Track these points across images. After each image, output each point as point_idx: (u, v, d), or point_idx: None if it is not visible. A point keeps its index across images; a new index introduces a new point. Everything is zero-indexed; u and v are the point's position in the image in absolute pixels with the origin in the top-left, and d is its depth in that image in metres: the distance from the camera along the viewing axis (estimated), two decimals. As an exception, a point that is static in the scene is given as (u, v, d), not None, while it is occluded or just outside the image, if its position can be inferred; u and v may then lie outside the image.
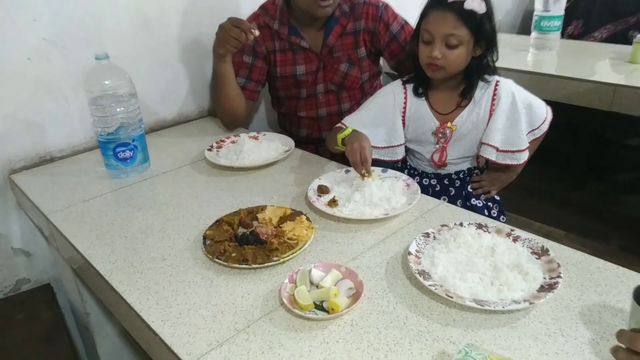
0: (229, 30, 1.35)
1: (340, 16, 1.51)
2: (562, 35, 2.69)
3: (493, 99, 1.26)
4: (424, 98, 1.31)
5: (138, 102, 1.29)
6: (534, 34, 2.26)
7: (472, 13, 1.15)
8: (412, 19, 1.31)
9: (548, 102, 1.36)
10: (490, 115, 1.27)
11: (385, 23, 1.52)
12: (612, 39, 2.52)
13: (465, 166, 1.37)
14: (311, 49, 1.54)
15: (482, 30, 1.18)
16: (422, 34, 1.22)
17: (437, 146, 1.33)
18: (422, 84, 1.31)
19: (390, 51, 1.55)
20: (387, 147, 1.33)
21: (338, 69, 1.56)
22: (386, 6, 1.54)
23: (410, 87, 1.32)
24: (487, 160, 1.31)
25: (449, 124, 1.29)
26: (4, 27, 1.27)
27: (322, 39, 1.53)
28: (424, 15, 1.22)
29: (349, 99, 1.63)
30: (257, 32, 1.36)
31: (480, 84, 1.26)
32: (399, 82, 1.34)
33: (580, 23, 2.69)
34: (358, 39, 1.54)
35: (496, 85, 1.26)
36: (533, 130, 1.31)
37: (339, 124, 1.37)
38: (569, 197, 2.46)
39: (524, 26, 3.03)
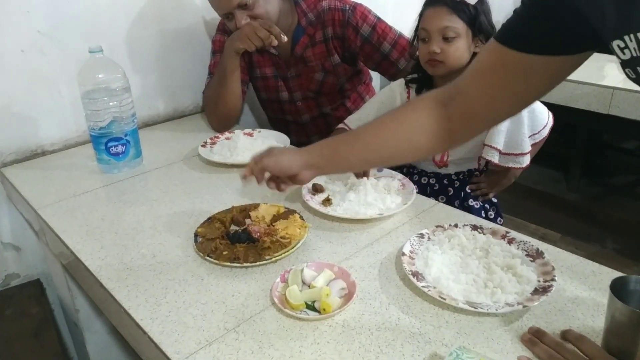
0: (258, 29, 1.32)
1: (307, 26, 1.47)
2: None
3: None
4: None
5: (131, 97, 1.28)
6: (532, 35, 2.25)
7: (464, 5, 1.16)
8: (410, 20, 1.30)
9: (546, 104, 1.35)
10: None
11: (353, 27, 1.45)
12: None
13: (466, 167, 1.36)
14: (280, 56, 1.52)
15: (478, 22, 1.18)
16: (420, 33, 1.23)
17: None
18: (426, 85, 1.30)
19: (365, 54, 1.49)
20: None
21: (313, 77, 1.53)
22: (354, 8, 1.45)
23: (413, 87, 1.32)
24: (488, 163, 1.31)
25: None
26: (-4, 19, 1.26)
27: (290, 48, 1.50)
28: (420, 16, 1.23)
29: (329, 103, 1.61)
30: (285, 39, 1.34)
31: None
32: (402, 81, 1.34)
33: None
34: (329, 46, 1.49)
35: None
36: (533, 134, 1.30)
37: (341, 125, 1.36)
38: (565, 200, 2.47)
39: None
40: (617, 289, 0.68)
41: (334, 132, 1.39)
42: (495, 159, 1.26)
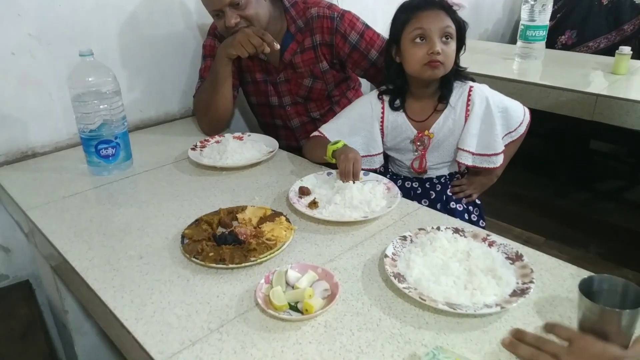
0: (251, 37, 1.33)
1: (296, 32, 1.49)
2: (555, 45, 2.73)
3: (467, 104, 1.27)
4: (401, 110, 1.31)
5: (122, 100, 1.29)
6: (519, 43, 2.29)
7: (454, 11, 1.20)
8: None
9: (532, 111, 1.37)
10: (466, 120, 1.28)
11: (342, 35, 1.46)
12: (609, 50, 2.52)
13: (445, 171, 1.38)
14: (269, 61, 1.53)
15: (462, 26, 1.22)
16: (414, 34, 1.19)
17: (417, 154, 1.33)
18: (398, 96, 1.30)
19: (353, 61, 1.51)
20: (365, 155, 1.33)
21: (302, 83, 1.55)
22: (342, 15, 1.46)
23: (386, 98, 1.32)
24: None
25: (426, 132, 1.29)
26: (-13, 21, 1.27)
27: (279, 54, 1.51)
28: (405, 21, 1.21)
29: (317, 108, 1.62)
30: (277, 46, 1.36)
31: (455, 90, 1.27)
32: (375, 92, 1.34)
33: (574, 33, 2.71)
34: (317, 53, 1.50)
35: (470, 90, 1.27)
36: (510, 132, 1.32)
37: (316, 133, 1.37)
38: (551, 204, 2.49)
39: (514, 36, 3.07)
40: (586, 288, 0.71)
41: (310, 139, 1.39)
42: (469, 161, 1.29)
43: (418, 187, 1.39)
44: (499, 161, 1.29)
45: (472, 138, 1.27)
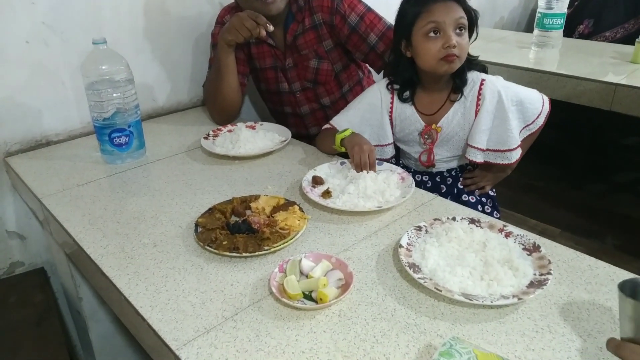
0: (245, 20, 1.32)
1: (296, 12, 1.47)
2: (573, 34, 2.68)
3: (478, 99, 1.23)
4: (410, 102, 1.29)
5: (135, 88, 1.29)
6: (536, 31, 2.25)
7: (464, 0, 1.17)
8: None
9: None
10: (476, 115, 1.24)
11: (341, 15, 1.43)
12: (626, 39, 2.47)
13: (455, 164, 1.36)
14: (277, 47, 1.52)
15: (473, 16, 1.19)
16: (427, 28, 1.16)
17: (425, 147, 1.31)
18: (408, 88, 1.28)
19: (353, 44, 1.48)
20: (376, 146, 1.31)
21: (308, 65, 1.53)
22: None
23: (396, 88, 1.29)
24: None
25: (434, 126, 1.27)
26: (2, 10, 1.27)
27: (283, 37, 1.50)
28: (416, 15, 1.17)
29: (327, 94, 1.60)
30: (271, 28, 1.33)
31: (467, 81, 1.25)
32: (385, 81, 1.31)
33: (590, 22, 2.66)
34: (320, 32, 1.48)
35: (481, 84, 1.23)
36: (528, 125, 1.29)
37: (327, 125, 1.36)
38: (566, 196, 2.46)
39: (530, 24, 3.02)
40: (627, 291, 0.63)
41: (322, 132, 1.37)
42: (478, 158, 1.25)
43: (428, 181, 1.38)
44: (514, 157, 1.25)
45: (481, 134, 1.23)
